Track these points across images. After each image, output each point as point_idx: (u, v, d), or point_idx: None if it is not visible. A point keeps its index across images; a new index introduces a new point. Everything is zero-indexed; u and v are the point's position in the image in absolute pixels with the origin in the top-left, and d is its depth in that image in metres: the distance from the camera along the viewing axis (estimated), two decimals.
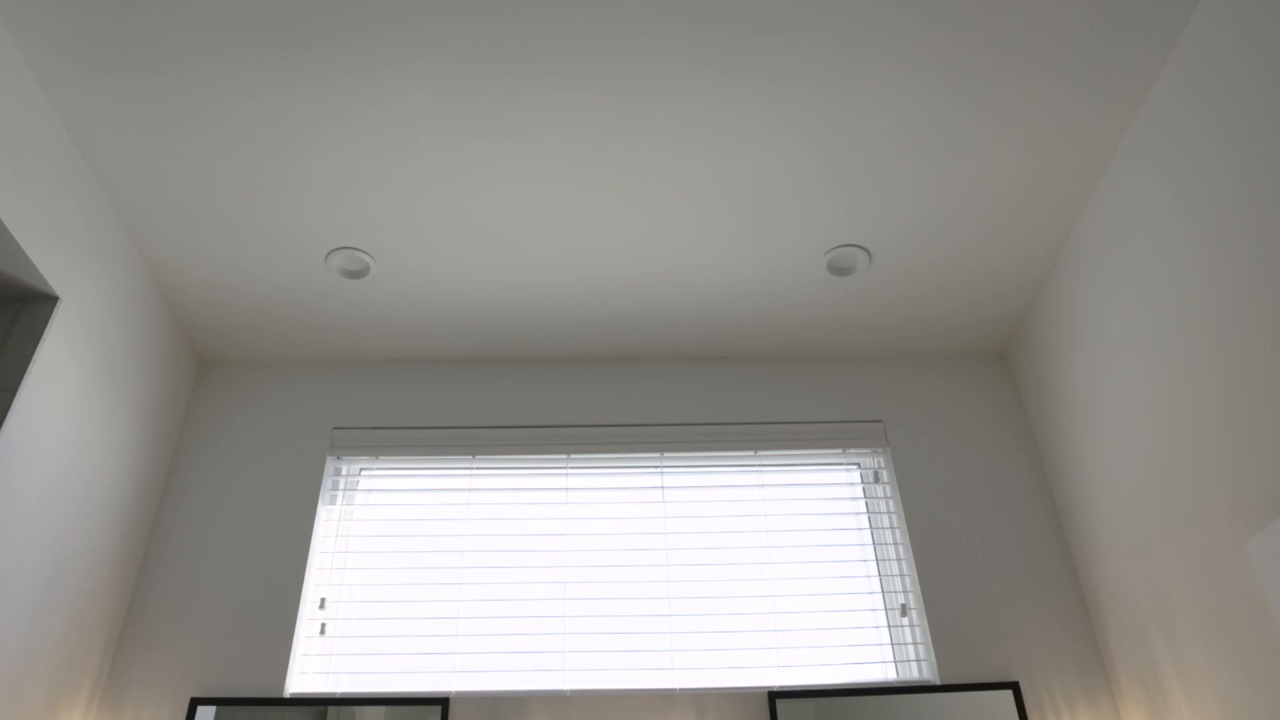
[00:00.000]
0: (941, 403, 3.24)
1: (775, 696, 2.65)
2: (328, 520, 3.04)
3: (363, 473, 3.14)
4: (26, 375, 2.33)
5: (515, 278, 2.97)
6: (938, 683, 2.72)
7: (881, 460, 3.16)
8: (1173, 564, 2.42)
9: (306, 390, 3.23)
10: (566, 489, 3.10)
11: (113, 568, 2.73)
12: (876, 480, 3.13)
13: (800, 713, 2.62)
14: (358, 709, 2.61)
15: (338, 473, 3.13)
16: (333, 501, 3.07)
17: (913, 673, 2.80)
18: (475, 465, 3.13)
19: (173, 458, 3.07)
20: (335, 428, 3.16)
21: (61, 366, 2.47)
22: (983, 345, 3.32)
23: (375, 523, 3.05)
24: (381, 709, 2.61)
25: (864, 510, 3.08)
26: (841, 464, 3.17)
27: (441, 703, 2.63)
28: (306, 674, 2.78)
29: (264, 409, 3.19)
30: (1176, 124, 2.32)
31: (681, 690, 2.70)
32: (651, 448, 3.13)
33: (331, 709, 2.58)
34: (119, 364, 2.74)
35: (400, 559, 2.97)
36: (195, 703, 2.62)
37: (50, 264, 2.37)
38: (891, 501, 3.08)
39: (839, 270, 2.97)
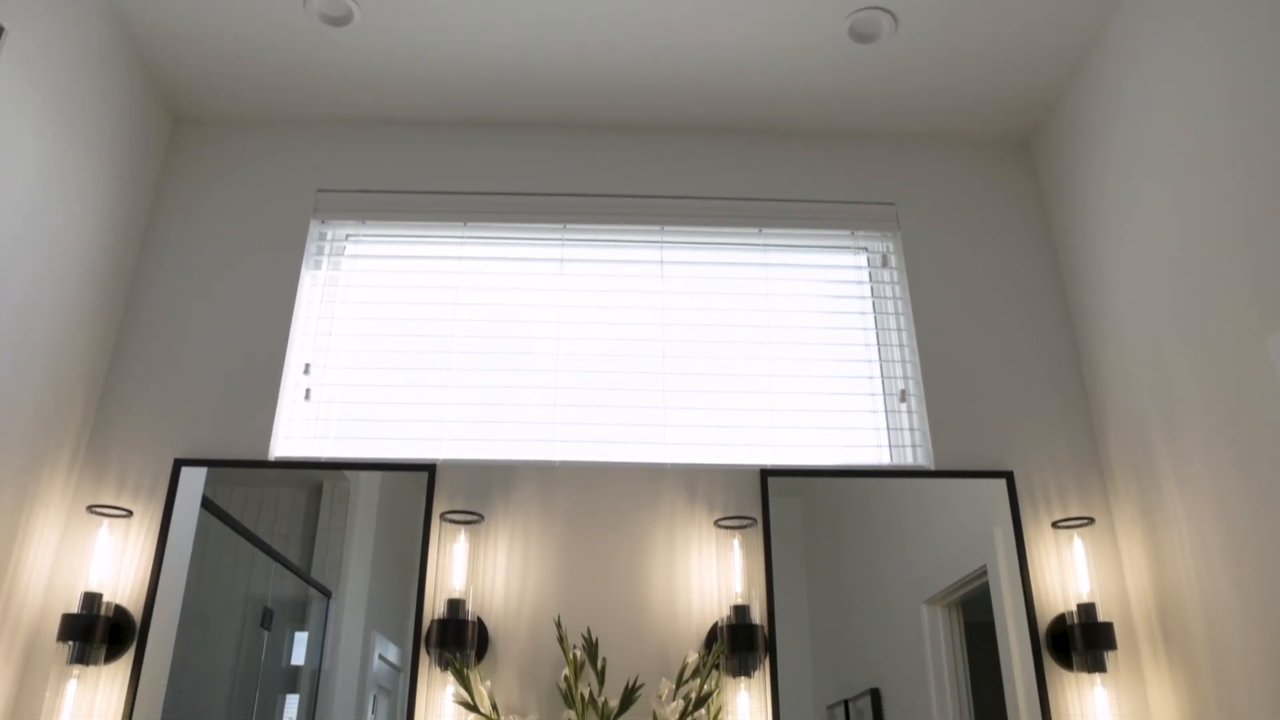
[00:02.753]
0: (958, 189, 3.07)
1: (767, 474, 2.63)
2: (312, 286, 2.93)
3: (349, 238, 3.00)
4: None
5: (513, 35, 2.73)
6: (932, 468, 2.69)
7: (891, 245, 3.02)
8: (1183, 361, 2.35)
9: (289, 151, 3.05)
10: (561, 260, 2.97)
11: (89, 328, 2.63)
12: (884, 265, 3.00)
13: (790, 494, 2.60)
14: (346, 474, 2.57)
15: (322, 238, 2.99)
16: (318, 267, 2.95)
17: (907, 458, 2.77)
18: (467, 234, 2.99)
19: (148, 218, 2.92)
20: (320, 190, 2.99)
21: (11, 112, 2.27)
22: (1006, 132, 3.12)
23: (362, 289, 2.94)
24: (368, 474, 2.57)
25: (869, 295, 2.98)
26: (849, 247, 3.04)
27: (428, 469, 2.59)
28: (291, 438, 2.74)
29: (244, 169, 3.01)
30: None
31: (673, 465, 2.67)
32: (652, 221, 2.98)
33: (326, 481, 2.54)
34: (82, 118, 2.55)
35: (388, 326, 2.88)
36: (179, 464, 2.59)
37: None
38: (898, 287, 2.96)
39: (861, 36, 2.73)
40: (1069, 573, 2.57)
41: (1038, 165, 3.10)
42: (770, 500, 2.59)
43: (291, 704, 2.35)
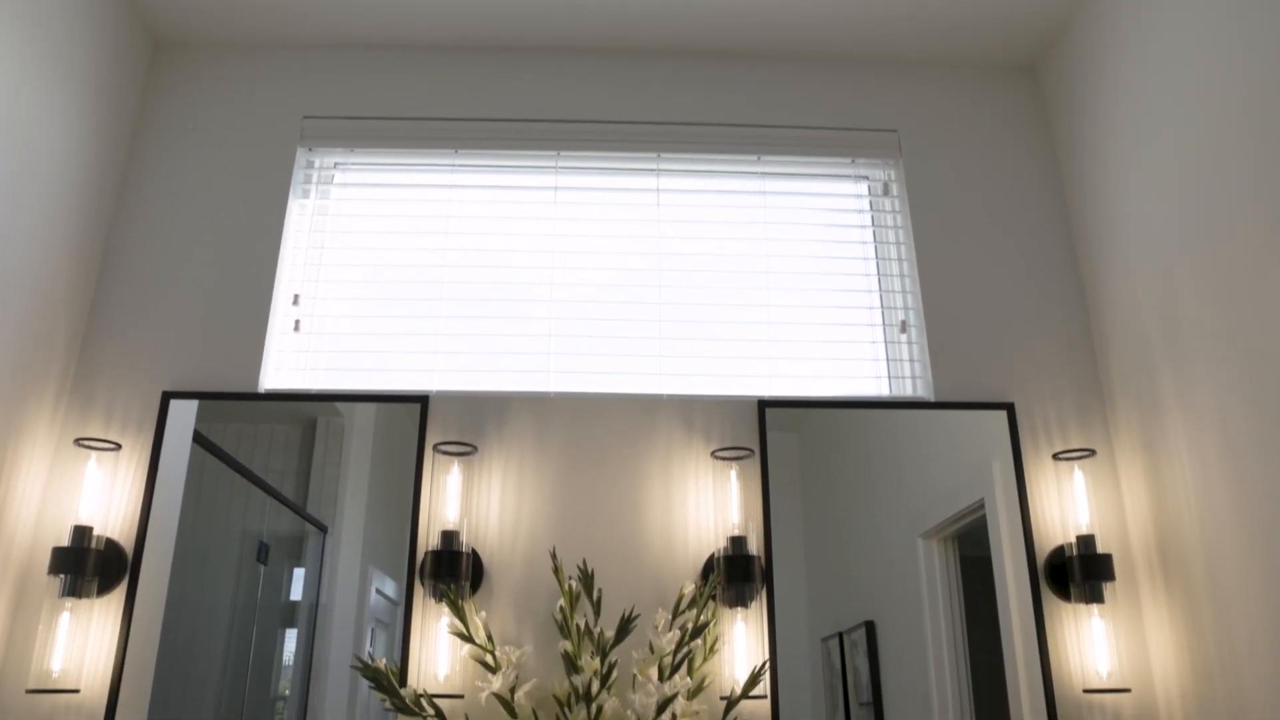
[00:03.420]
0: (963, 116, 3.00)
1: (765, 405, 2.59)
2: (300, 215, 2.86)
3: (338, 167, 2.93)
4: None
5: None
6: (932, 400, 2.66)
7: (892, 173, 2.95)
8: (1191, 289, 2.30)
9: (274, 76, 2.96)
10: (555, 188, 2.90)
11: (71, 258, 2.57)
12: (886, 193, 2.94)
13: (786, 430, 2.57)
14: (340, 410, 2.53)
15: (310, 165, 2.91)
16: (305, 196, 2.88)
17: (907, 389, 2.74)
18: (458, 161, 2.92)
19: (129, 146, 2.84)
20: (306, 117, 2.91)
21: None
22: (1012, 57, 3.03)
23: (352, 219, 2.87)
24: (362, 409, 2.53)
25: (869, 224, 2.92)
26: (849, 175, 2.97)
27: (421, 400, 2.56)
28: (281, 370, 2.70)
29: (228, 96, 2.92)
30: None
31: (669, 396, 2.63)
32: (648, 148, 2.90)
33: (320, 417, 2.50)
34: (58, 43, 2.46)
35: (379, 256, 2.82)
36: (168, 396, 2.54)
37: None
38: (900, 216, 2.90)
39: None
40: (1069, 504, 2.55)
41: (1044, 91, 3.03)
42: (769, 428, 2.56)
43: (290, 639, 2.34)
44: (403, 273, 2.80)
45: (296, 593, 2.38)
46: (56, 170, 2.50)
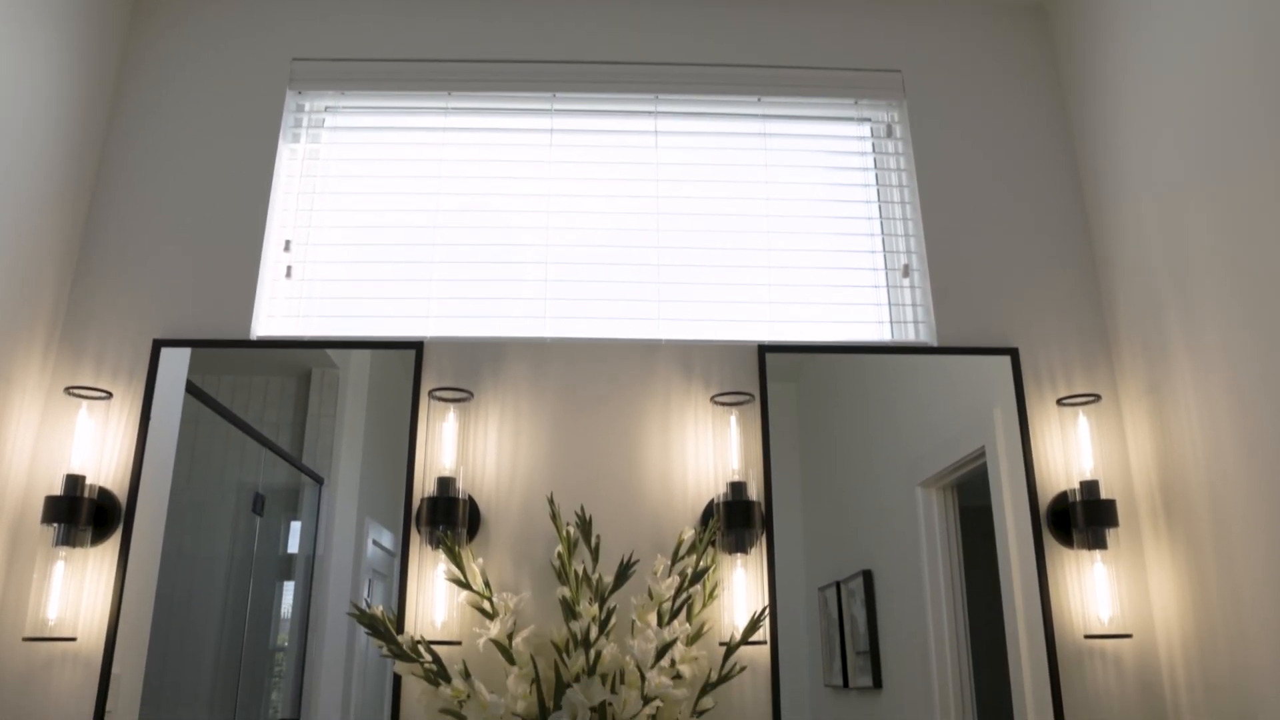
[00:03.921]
0: (969, 56, 2.92)
1: (765, 350, 2.56)
2: (291, 160, 2.80)
3: (328, 111, 2.87)
4: None
5: None
6: (934, 345, 2.62)
7: (896, 114, 2.89)
8: (1202, 232, 2.25)
9: (262, 17, 2.88)
10: (551, 131, 2.84)
11: (57, 205, 2.51)
12: (889, 135, 2.88)
13: (785, 380, 2.53)
14: (335, 361, 2.49)
15: (300, 109, 2.85)
16: (296, 140, 2.82)
17: (909, 335, 2.70)
18: (451, 104, 2.85)
19: (115, 90, 2.78)
20: (295, 59, 2.84)
21: None
22: None
23: (343, 163, 2.81)
24: (358, 360, 2.50)
25: (872, 167, 2.86)
26: (852, 118, 2.91)
27: (415, 347, 2.52)
28: (274, 318, 2.66)
29: (214, 37, 2.85)
30: None
31: (668, 341, 2.60)
32: (645, 89, 2.84)
33: (315, 369, 2.47)
34: None
35: (371, 202, 2.77)
36: (159, 344, 2.51)
37: None
38: (903, 159, 2.85)
39: None
40: (1072, 450, 2.52)
41: (1052, 29, 2.95)
42: (768, 376, 2.53)
43: (288, 591, 2.33)
44: (396, 218, 2.75)
45: (294, 545, 2.36)
46: (40, 116, 2.44)
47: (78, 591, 2.32)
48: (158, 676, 2.27)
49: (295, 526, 2.38)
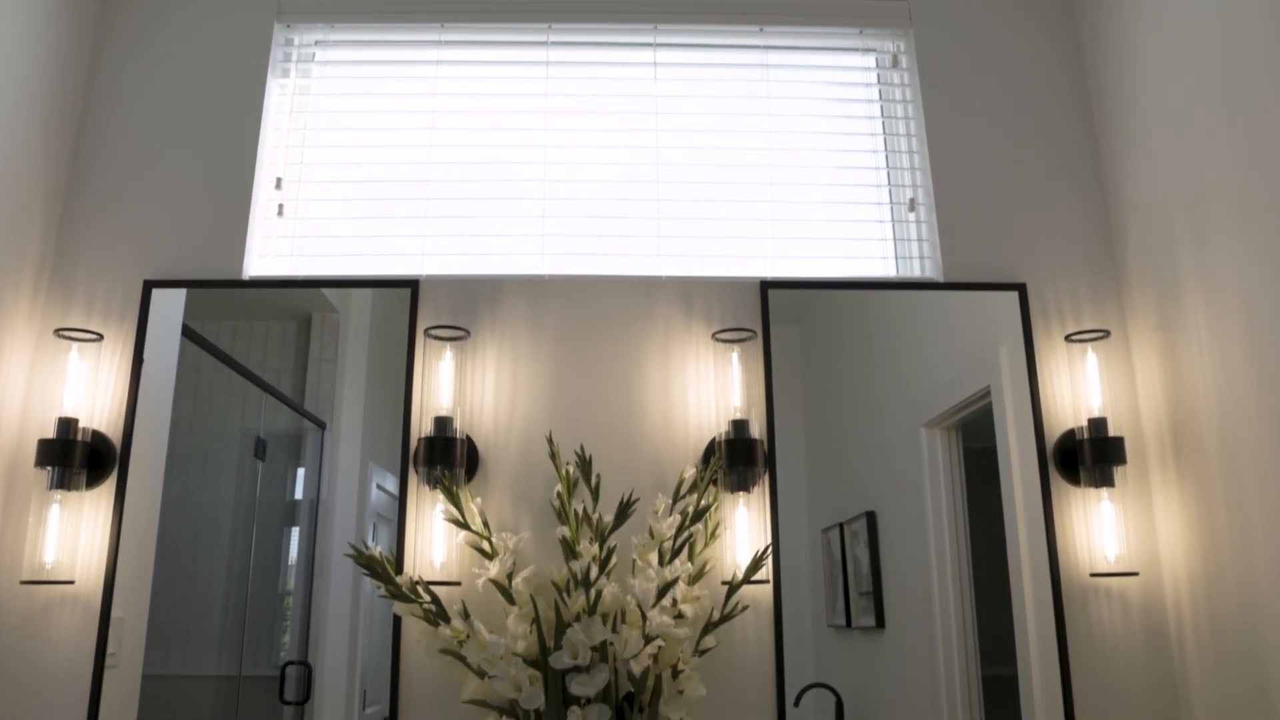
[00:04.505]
0: None
1: (767, 286, 2.51)
2: (280, 96, 2.73)
3: (318, 44, 2.79)
4: None
5: None
6: (940, 280, 2.57)
7: (902, 44, 2.81)
8: (1219, 163, 2.18)
9: None
10: (547, 63, 2.76)
11: (41, 141, 2.45)
12: (895, 65, 2.80)
13: (788, 323, 2.49)
14: (335, 306, 2.45)
15: (289, 43, 2.77)
16: (285, 75, 2.75)
17: (915, 270, 2.64)
18: (445, 36, 2.77)
19: (98, 23, 2.70)
20: None
21: None
22: None
23: (334, 98, 2.74)
24: (358, 304, 2.45)
25: (877, 99, 2.79)
26: (857, 48, 2.83)
27: (411, 285, 2.48)
28: (267, 257, 2.60)
29: None
30: None
31: (668, 278, 2.55)
32: (644, 19, 2.75)
33: (315, 313, 2.43)
34: None
35: (364, 138, 2.70)
36: (149, 285, 2.46)
37: None
38: (909, 90, 2.77)
39: None
40: (1080, 387, 2.48)
41: None
42: (770, 317, 2.48)
43: (294, 537, 2.33)
44: (390, 154, 2.69)
45: (299, 492, 2.35)
46: (20, 52, 2.36)
47: (74, 535, 2.31)
48: (164, 620, 2.27)
49: (300, 474, 2.36)
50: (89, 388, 2.40)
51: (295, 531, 2.33)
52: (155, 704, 2.24)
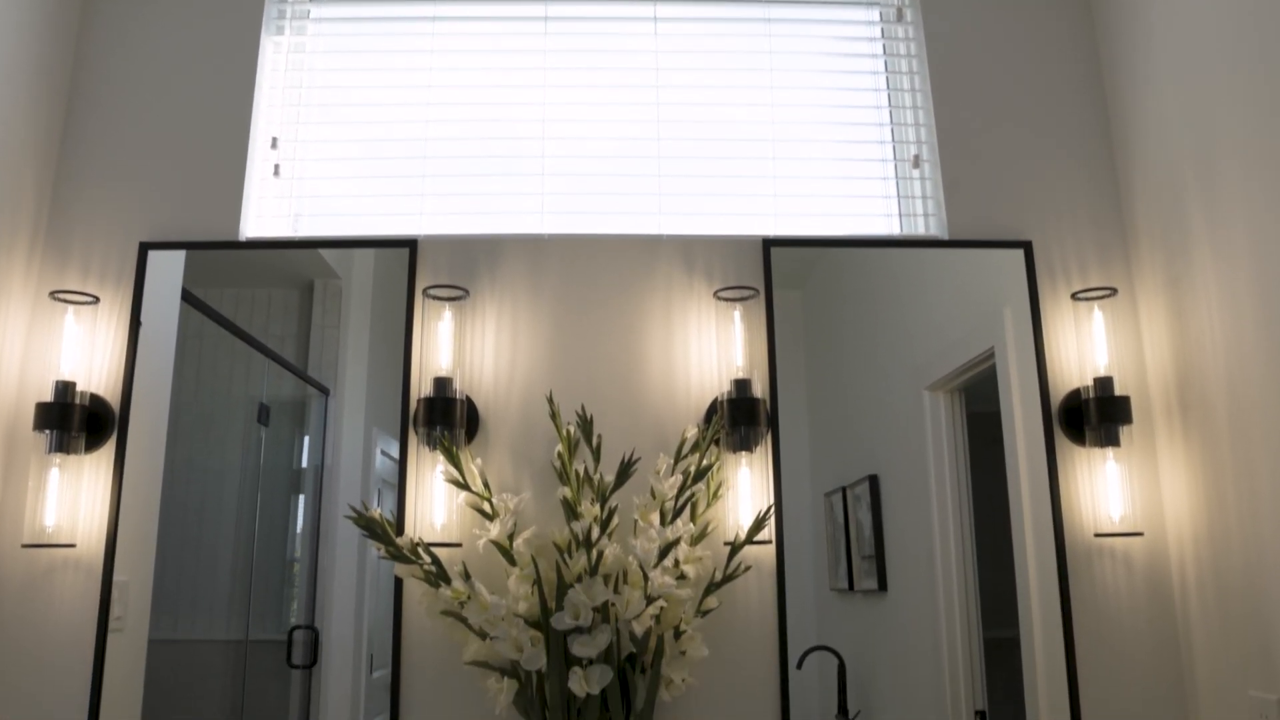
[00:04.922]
0: None
1: (770, 245, 2.48)
2: (275, 54, 2.69)
3: (312, 0, 2.74)
4: None
5: None
6: (945, 238, 2.54)
7: None
8: (1230, 114, 2.13)
9: None
10: (546, 19, 2.71)
11: (31, 102, 2.42)
12: (899, 19, 2.75)
13: (790, 288, 2.46)
14: (338, 271, 2.43)
15: (283, 0, 2.73)
16: (280, 33, 2.70)
17: (919, 228, 2.61)
18: None
19: None
20: None
21: None
22: None
23: (330, 56, 2.70)
24: (360, 270, 2.43)
25: (881, 53, 2.74)
26: (861, 2, 2.77)
27: (409, 245, 2.45)
28: (263, 218, 2.58)
29: None
30: None
31: (669, 236, 2.52)
32: None
33: (318, 280, 2.41)
34: None
35: (361, 96, 2.66)
36: (145, 247, 2.44)
37: None
38: (914, 44, 2.72)
39: None
40: (1086, 346, 2.45)
41: None
42: (773, 277, 2.45)
43: (299, 504, 2.33)
44: (387, 113, 2.65)
45: (304, 460, 2.35)
46: (8, 10, 2.32)
47: (74, 498, 2.30)
48: (171, 584, 2.27)
49: (305, 441, 2.36)
50: (86, 351, 2.38)
51: (301, 499, 2.33)
52: (163, 667, 2.24)
